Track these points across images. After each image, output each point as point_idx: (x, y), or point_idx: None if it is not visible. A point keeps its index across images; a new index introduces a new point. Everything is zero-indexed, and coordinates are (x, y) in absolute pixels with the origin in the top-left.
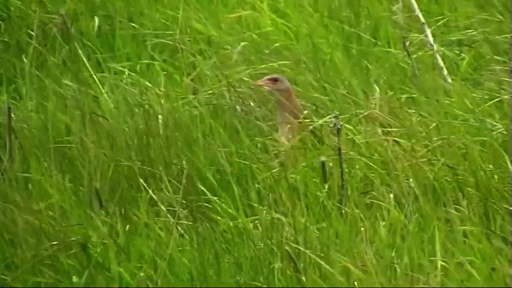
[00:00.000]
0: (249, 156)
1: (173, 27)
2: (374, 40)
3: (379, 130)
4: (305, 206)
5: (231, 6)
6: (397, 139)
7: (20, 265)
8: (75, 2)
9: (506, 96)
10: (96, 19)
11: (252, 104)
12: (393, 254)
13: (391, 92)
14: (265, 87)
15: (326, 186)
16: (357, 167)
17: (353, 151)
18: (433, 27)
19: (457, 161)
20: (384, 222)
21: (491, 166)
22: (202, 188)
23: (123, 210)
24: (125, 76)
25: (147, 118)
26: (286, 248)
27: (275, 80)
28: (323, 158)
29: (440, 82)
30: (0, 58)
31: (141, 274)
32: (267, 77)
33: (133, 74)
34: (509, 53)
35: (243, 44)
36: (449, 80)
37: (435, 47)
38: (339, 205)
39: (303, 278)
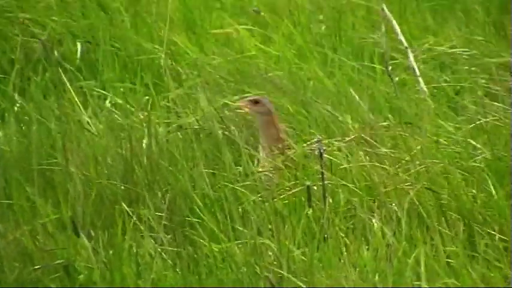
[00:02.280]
0: (232, 180)
1: (157, 49)
2: (356, 64)
3: (362, 154)
4: (289, 230)
5: (216, 28)
6: (379, 164)
7: None
8: (58, 26)
9: (488, 119)
10: (79, 44)
11: (234, 128)
12: (377, 278)
13: (374, 116)
14: (245, 109)
15: (310, 211)
16: (340, 191)
17: (336, 176)
18: (415, 52)
19: (439, 185)
20: (367, 246)
21: (474, 190)
22: (187, 212)
23: (106, 234)
24: (108, 100)
25: (131, 142)
26: (269, 272)
27: (256, 102)
28: (308, 183)
29: (423, 106)
30: None
31: None
32: (248, 98)
33: (116, 97)
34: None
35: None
36: (432, 104)
37: (417, 70)
38: (322, 229)
39: None
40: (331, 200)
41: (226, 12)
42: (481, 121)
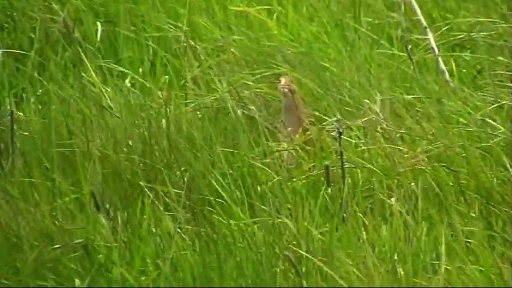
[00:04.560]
0: (251, 159)
1: (177, 28)
2: (375, 44)
3: (380, 134)
4: (308, 210)
5: (236, 6)
6: (397, 144)
7: (22, 269)
8: (79, 5)
9: (506, 101)
10: (99, 24)
11: (253, 107)
12: (396, 258)
13: (393, 96)
14: (285, 90)
15: (329, 190)
16: (359, 171)
17: (354, 156)
18: (436, 33)
19: (458, 165)
20: (386, 226)
21: (492, 170)
22: (206, 191)
23: (125, 213)
24: (127, 79)
25: (150, 121)
26: (288, 252)
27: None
28: (327, 163)
29: (442, 85)
30: (2, 61)
31: (144, 277)
32: (286, 78)
33: (136, 76)
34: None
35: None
36: (451, 84)
37: (437, 50)
38: (341, 209)
39: (305, 282)
40: (349, 180)
41: None
42: (501, 103)
